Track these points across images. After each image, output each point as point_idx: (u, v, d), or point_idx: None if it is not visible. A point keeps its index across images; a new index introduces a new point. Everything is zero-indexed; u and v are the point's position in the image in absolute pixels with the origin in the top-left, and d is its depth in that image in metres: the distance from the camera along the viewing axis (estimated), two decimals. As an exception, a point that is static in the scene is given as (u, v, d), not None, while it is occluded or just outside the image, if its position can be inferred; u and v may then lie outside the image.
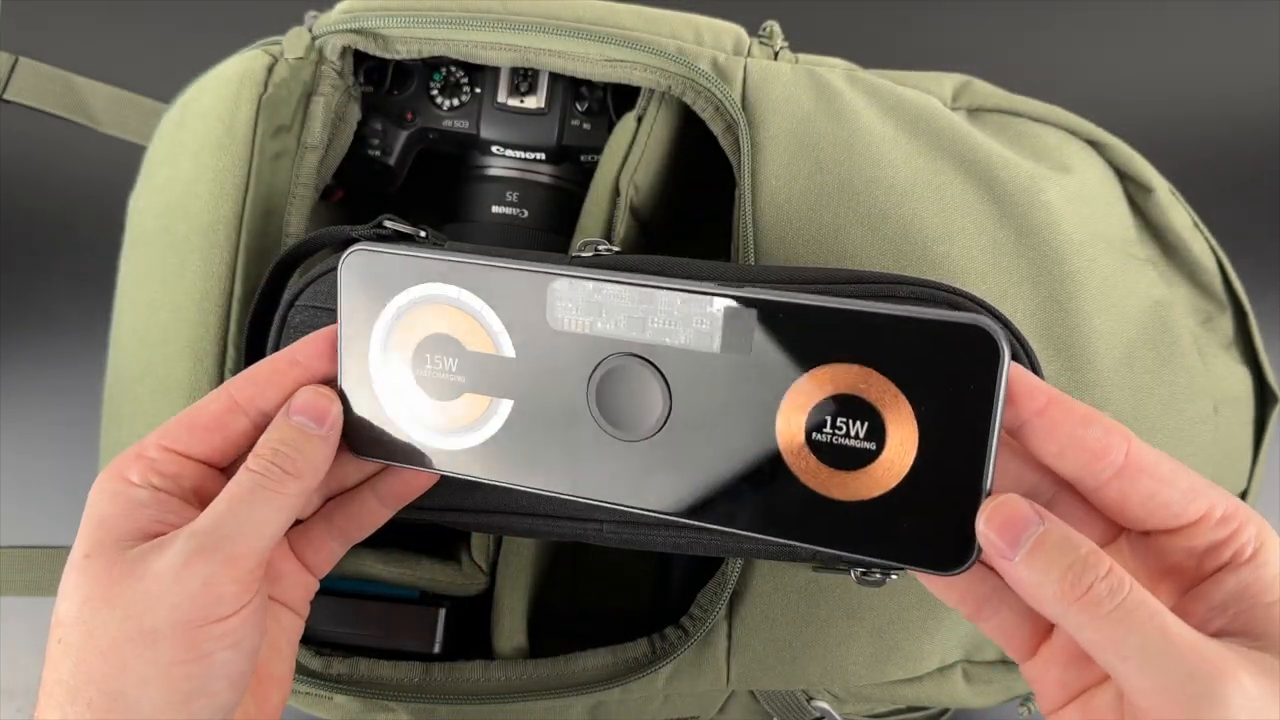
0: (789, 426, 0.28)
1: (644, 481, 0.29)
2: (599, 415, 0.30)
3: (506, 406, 0.30)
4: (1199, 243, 0.47)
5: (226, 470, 0.31)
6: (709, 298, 0.28)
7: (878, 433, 0.27)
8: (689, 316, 0.28)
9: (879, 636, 0.41)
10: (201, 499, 0.30)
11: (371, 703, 0.41)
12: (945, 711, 0.49)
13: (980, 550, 0.26)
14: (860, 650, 0.41)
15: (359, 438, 0.32)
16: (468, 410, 0.31)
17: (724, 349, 0.28)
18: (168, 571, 0.28)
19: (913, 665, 0.42)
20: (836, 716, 0.43)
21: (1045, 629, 0.28)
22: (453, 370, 0.31)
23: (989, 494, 0.26)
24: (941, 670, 0.43)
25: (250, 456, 0.30)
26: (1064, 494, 0.28)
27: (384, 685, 0.41)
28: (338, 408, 0.31)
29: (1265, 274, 0.60)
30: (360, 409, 0.32)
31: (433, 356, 0.31)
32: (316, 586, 0.34)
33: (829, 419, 0.27)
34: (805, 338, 0.27)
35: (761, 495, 0.28)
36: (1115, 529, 0.28)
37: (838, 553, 0.28)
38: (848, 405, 0.27)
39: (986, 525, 0.26)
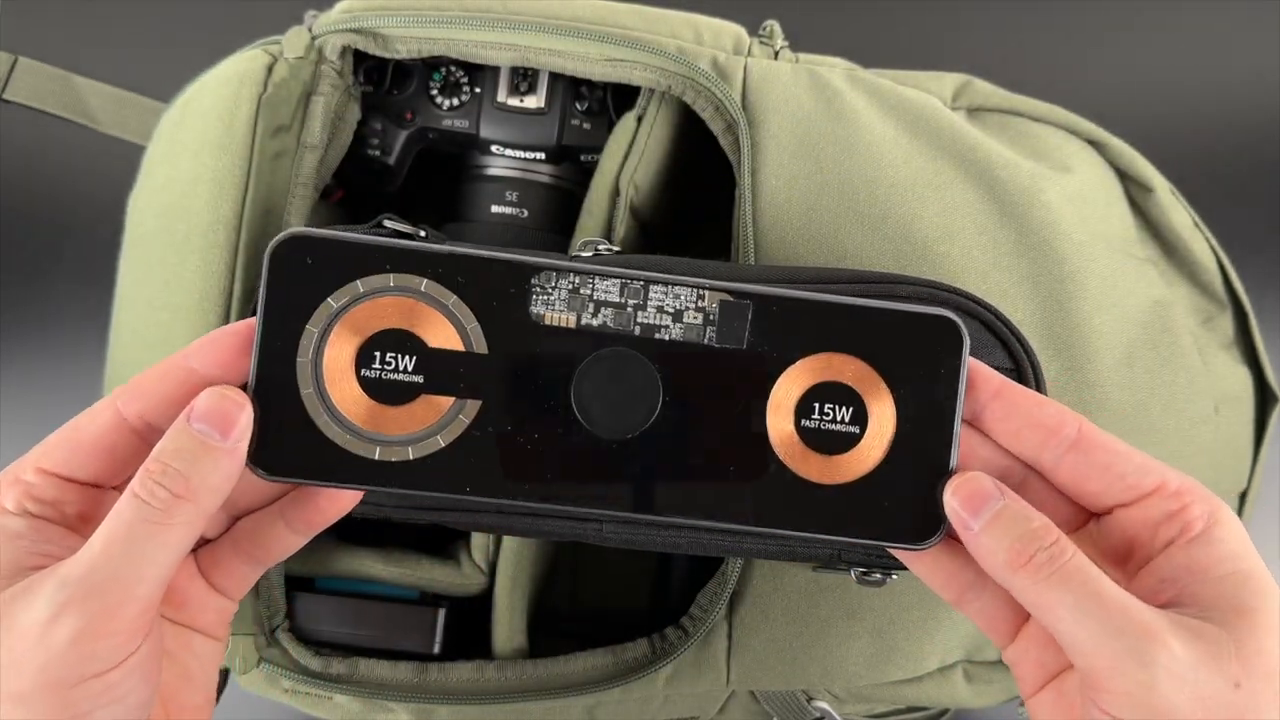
0: (779, 414, 0.29)
1: (622, 481, 0.29)
2: (579, 412, 0.28)
3: (473, 408, 0.28)
4: (1199, 243, 0.47)
5: (120, 488, 0.27)
6: (703, 291, 0.29)
7: (861, 417, 0.29)
8: (683, 310, 0.29)
9: (879, 636, 0.41)
10: (90, 524, 0.27)
11: (371, 703, 0.41)
12: (945, 712, 0.49)
13: (948, 523, 0.28)
14: (860, 650, 0.41)
15: (271, 455, 0.28)
16: (423, 414, 0.28)
17: (719, 341, 0.29)
18: (33, 628, 0.24)
19: (913, 665, 0.42)
20: (836, 717, 0.43)
21: (1024, 612, 0.29)
22: (408, 370, 0.28)
23: (955, 470, 0.28)
24: (942, 670, 0.43)
25: (137, 474, 0.26)
26: (1032, 479, 0.29)
27: (383, 685, 0.41)
28: (248, 415, 0.27)
29: (1265, 274, 0.60)
30: (275, 419, 0.28)
31: (383, 355, 0.28)
32: (234, 608, 0.30)
33: (817, 405, 0.29)
34: (798, 329, 0.29)
35: (749, 485, 0.29)
36: (1081, 515, 0.29)
37: (822, 536, 0.29)
38: (834, 391, 0.29)
39: (952, 497, 0.28)
